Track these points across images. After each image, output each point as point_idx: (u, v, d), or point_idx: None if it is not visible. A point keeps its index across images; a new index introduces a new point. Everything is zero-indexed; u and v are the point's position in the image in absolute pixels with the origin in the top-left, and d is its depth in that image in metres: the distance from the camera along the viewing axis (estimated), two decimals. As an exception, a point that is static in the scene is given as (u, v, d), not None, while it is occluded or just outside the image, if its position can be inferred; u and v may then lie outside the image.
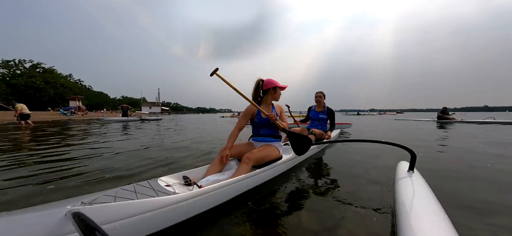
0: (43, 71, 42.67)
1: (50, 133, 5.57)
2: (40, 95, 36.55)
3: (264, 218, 1.21)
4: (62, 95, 40.59)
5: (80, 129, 7.02)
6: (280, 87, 1.84)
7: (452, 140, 4.26)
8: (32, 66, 42.31)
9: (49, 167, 2.22)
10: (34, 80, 36.22)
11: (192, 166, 2.08)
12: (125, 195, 1.01)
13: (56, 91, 40.49)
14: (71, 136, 4.99)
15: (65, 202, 0.83)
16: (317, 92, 3.13)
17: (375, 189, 1.60)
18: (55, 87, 40.71)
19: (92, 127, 7.71)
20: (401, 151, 1.42)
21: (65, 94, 41.35)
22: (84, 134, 5.31)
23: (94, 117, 21.94)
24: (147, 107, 62.44)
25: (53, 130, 6.33)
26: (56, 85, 41.37)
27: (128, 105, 13.72)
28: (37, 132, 5.81)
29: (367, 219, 1.18)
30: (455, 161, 2.48)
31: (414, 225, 0.79)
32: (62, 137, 4.78)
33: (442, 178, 1.86)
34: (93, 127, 7.69)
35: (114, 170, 2.09)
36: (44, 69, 43.14)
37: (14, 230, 0.69)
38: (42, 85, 37.06)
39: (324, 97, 3.12)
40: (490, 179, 1.85)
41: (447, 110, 10.40)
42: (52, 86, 39.91)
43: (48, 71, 43.32)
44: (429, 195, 1.04)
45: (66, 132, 5.95)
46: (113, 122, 11.15)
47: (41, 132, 5.81)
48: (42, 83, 37.25)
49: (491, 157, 2.64)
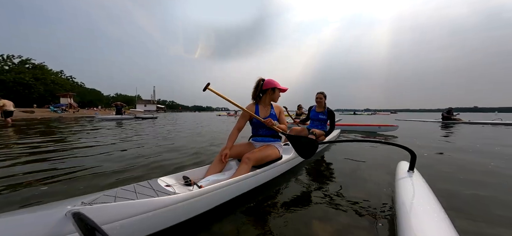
0: (32, 67, 41.79)
1: (33, 132, 5.34)
2: (29, 92, 35.84)
3: (264, 218, 1.23)
4: (52, 91, 39.83)
5: (68, 127, 6.84)
6: (280, 89, 1.84)
7: (469, 142, 4.01)
8: (21, 61, 41.34)
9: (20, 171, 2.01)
10: (23, 76, 35.46)
11: (189, 167, 2.08)
12: (125, 195, 1.01)
13: (46, 87, 39.71)
14: (53, 134, 4.81)
15: (65, 202, 0.83)
16: (318, 92, 3.17)
17: (375, 189, 1.63)
18: (45, 84, 39.92)
19: (81, 126, 7.60)
20: (401, 151, 1.45)
21: (56, 90, 40.58)
22: (69, 134, 5.14)
23: (86, 114, 21.66)
24: (142, 105, 61.90)
25: (37, 129, 6.11)
26: (46, 81, 40.55)
27: (122, 103, 13.55)
28: (18, 131, 5.56)
29: (367, 219, 1.20)
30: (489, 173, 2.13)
31: (414, 225, 0.81)
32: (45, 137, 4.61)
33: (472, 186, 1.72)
34: (82, 126, 7.56)
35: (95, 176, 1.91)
36: (33, 65, 42.27)
37: (14, 230, 0.69)
38: (32, 81, 36.31)
39: (325, 98, 3.17)
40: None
41: (452, 111, 10.12)
42: (42, 83, 39.13)
43: (38, 67, 42.42)
44: (429, 195, 1.06)
45: (53, 129, 5.80)
46: (105, 120, 10.92)
47: (21, 131, 5.53)
48: (32, 79, 36.51)
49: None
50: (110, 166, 2.22)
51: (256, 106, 1.86)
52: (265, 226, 1.14)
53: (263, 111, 1.85)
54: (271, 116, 1.82)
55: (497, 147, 3.50)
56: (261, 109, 1.85)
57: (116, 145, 3.58)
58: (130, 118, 12.19)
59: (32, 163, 2.37)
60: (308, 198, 1.50)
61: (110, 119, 11.40)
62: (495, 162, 2.50)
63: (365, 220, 1.19)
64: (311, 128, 3.13)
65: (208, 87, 1.61)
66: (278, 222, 1.18)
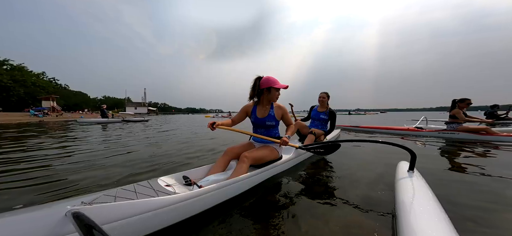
0: (11, 68, 40.97)
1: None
2: (7, 95, 35.09)
3: (263, 217, 1.28)
4: (33, 94, 39.09)
5: (41, 134, 6.11)
6: (276, 88, 1.77)
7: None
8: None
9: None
10: (1, 78, 34.75)
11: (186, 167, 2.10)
12: (125, 195, 1.04)
13: (26, 90, 38.97)
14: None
15: (65, 202, 0.86)
16: (322, 92, 3.30)
17: (375, 189, 1.69)
18: (25, 86, 39.18)
19: (62, 130, 7.46)
20: (401, 151, 1.52)
21: (37, 93, 39.86)
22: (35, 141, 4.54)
23: (70, 118, 21.28)
24: (132, 107, 61.26)
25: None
26: (26, 83, 39.82)
27: (104, 105, 13.42)
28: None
29: (367, 219, 1.25)
30: None
31: (414, 225, 0.84)
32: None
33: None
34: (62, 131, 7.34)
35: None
36: (12, 66, 41.45)
37: (14, 230, 0.72)
38: (10, 83, 35.59)
39: (328, 98, 3.27)
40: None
41: (498, 107, 7.54)
42: (22, 85, 38.40)
43: (16, 68, 41.62)
44: (429, 195, 1.10)
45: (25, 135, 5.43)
46: (87, 124, 10.51)
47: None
48: (10, 81, 35.78)
49: None
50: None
51: (254, 107, 1.88)
52: (265, 226, 1.19)
53: (261, 112, 1.85)
54: (269, 117, 1.82)
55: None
56: (259, 110, 1.86)
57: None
58: (117, 122, 12.06)
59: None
60: (307, 198, 1.55)
61: (94, 122, 11.13)
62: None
63: (364, 220, 1.24)
64: (311, 127, 3.22)
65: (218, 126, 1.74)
66: (278, 221, 1.23)
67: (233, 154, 1.75)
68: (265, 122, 1.83)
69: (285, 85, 1.83)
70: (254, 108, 1.88)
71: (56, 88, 52.04)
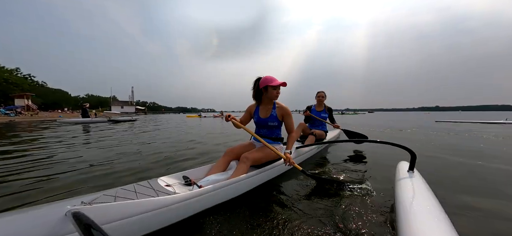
0: (-22, 64, 39.24)
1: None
2: (-25, 93, 33.73)
3: (263, 217, 1.33)
4: (6, 92, 37.68)
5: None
6: (273, 86, 1.80)
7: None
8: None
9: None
10: (-33, 74, 33.30)
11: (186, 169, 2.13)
12: (125, 195, 1.08)
13: (-3, 87, 37.51)
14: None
15: (65, 202, 0.89)
16: (319, 91, 3.43)
17: (375, 189, 1.77)
18: (-5, 83, 37.72)
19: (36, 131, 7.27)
20: (401, 151, 1.61)
21: (10, 91, 38.45)
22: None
23: (47, 118, 20.72)
24: (118, 106, 60.06)
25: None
26: (-3, 80, 38.36)
27: (86, 103, 12.98)
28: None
29: (367, 219, 1.32)
30: None
31: (414, 225, 0.88)
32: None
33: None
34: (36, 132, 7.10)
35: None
36: (-19, 61, 39.83)
37: (14, 230, 0.75)
38: (-23, 80, 34.17)
39: (325, 97, 3.42)
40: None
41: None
42: (-9, 82, 36.97)
43: (-15, 64, 39.96)
44: (429, 195, 1.15)
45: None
46: (67, 124, 10.19)
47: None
48: (-22, 78, 34.37)
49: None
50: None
51: (257, 107, 1.96)
52: (265, 225, 1.24)
53: (263, 112, 1.92)
54: (271, 118, 1.87)
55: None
56: (261, 110, 1.93)
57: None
58: (102, 122, 11.82)
59: None
60: (307, 198, 1.62)
61: (73, 122, 10.85)
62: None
63: (365, 220, 1.31)
64: (312, 128, 3.33)
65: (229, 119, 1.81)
66: (278, 221, 1.29)
67: (234, 154, 1.80)
68: (267, 122, 1.89)
69: (282, 82, 1.84)
70: (257, 108, 1.95)
71: (32, 86, 50.34)
